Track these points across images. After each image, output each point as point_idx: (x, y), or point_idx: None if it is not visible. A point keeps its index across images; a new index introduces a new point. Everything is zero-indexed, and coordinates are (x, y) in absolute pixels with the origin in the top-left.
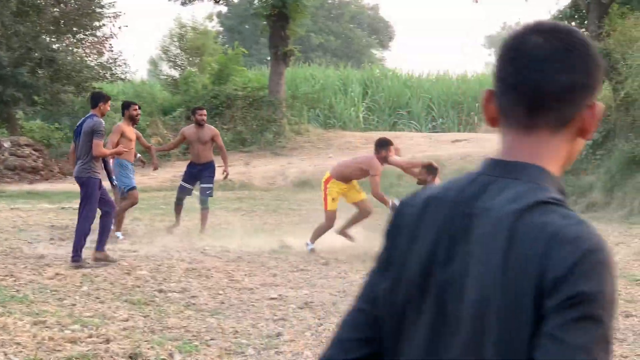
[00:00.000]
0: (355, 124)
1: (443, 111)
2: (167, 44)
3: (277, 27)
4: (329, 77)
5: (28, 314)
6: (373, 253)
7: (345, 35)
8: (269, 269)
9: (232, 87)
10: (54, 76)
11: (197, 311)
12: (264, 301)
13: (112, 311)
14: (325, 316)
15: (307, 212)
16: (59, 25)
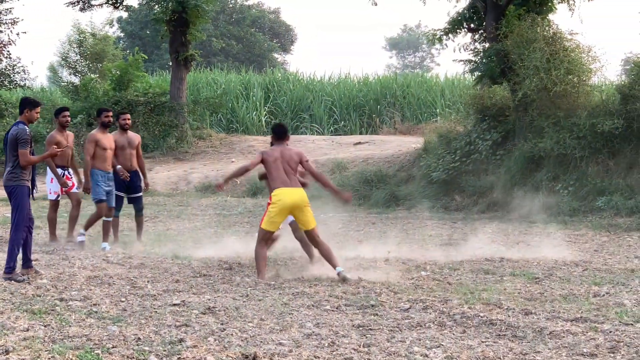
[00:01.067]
0: (257, 128)
1: (345, 114)
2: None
3: (178, 32)
4: (230, 82)
5: None
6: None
7: (246, 40)
8: (172, 275)
9: (134, 93)
10: None
11: (99, 319)
12: (167, 307)
13: (11, 321)
14: (228, 321)
15: (210, 217)
16: None
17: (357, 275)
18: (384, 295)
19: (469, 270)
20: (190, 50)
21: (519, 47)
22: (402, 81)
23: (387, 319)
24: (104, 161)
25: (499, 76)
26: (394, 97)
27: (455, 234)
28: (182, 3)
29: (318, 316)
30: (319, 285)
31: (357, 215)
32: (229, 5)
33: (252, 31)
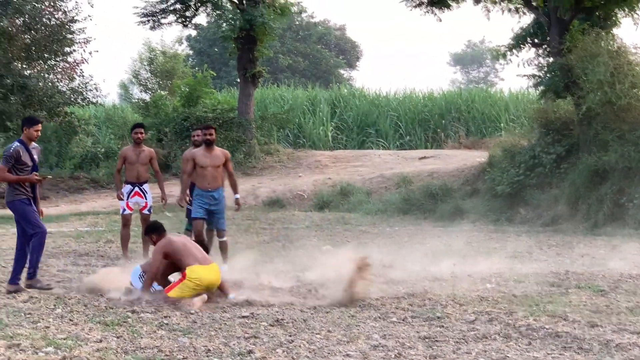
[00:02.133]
0: (324, 143)
1: (410, 129)
2: (137, 68)
3: (245, 49)
4: (297, 98)
5: (2, 337)
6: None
7: (313, 56)
8: (240, 288)
9: (202, 109)
10: (26, 102)
11: (169, 331)
12: (236, 319)
13: (85, 333)
14: (296, 333)
15: (277, 231)
16: (30, 52)
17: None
18: (449, 307)
19: (534, 282)
20: (257, 67)
21: (582, 61)
22: (466, 96)
23: (452, 330)
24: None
25: (563, 90)
26: (458, 111)
27: (520, 246)
28: (249, 21)
29: (385, 328)
30: (385, 298)
31: (423, 229)
32: (295, 22)
33: (319, 48)
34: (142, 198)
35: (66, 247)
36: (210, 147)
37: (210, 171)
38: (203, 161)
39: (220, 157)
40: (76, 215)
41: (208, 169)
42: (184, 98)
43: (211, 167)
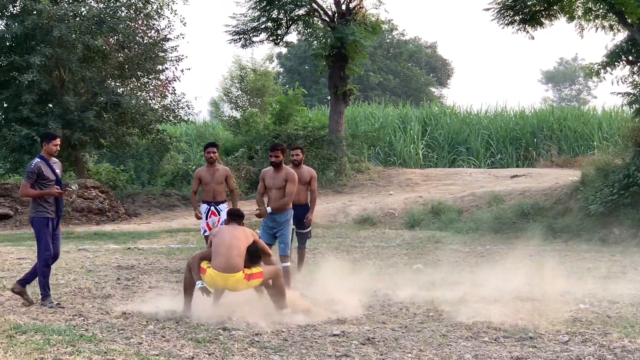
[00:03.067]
0: (415, 161)
1: (501, 147)
2: (228, 86)
3: (336, 67)
4: (388, 116)
5: (96, 352)
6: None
7: (403, 74)
8: (331, 306)
9: (293, 126)
10: (119, 119)
11: (260, 348)
12: (327, 337)
13: (177, 349)
14: (387, 352)
15: (368, 249)
16: (123, 70)
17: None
18: (542, 327)
19: (628, 303)
20: (348, 84)
21: None
22: (558, 114)
23: (545, 351)
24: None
25: None
26: (550, 130)
27: (614, 267)
28: (340, 39)
29: (476, 348)
30: (476, 317)
31: (515, 248)
32: (386, 40)
33: (409, 65)
34: (216, 216)
35: (158, 263)
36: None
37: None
38: (269, 182)
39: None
40: (167, 232)
41: (272, 190)
42: (275, 116)
43: (275, 189)
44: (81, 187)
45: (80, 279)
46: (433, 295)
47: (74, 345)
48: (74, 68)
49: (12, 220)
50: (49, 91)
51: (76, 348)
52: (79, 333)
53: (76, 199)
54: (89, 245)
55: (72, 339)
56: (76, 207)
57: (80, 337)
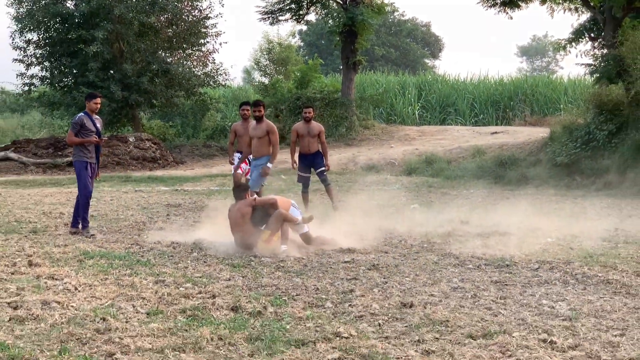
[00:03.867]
0: (412, 120)
1: (483, 108)
2: (258, 57)
3: (348, 41)
4: (390, 82)
5: (150, 274)
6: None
7: (403, 48)
8: (344, 238)
9: (312, 90)
10: (168, 84)
11: (285, 272)
12: (339, 264)
13: (217, 272)
14: (389, 276)
15: (372, 192)
16: (172, 43)
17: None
18: (516, 257)
19: (588, 238)
20: (358, 56)
21: (632, 52)
22: (531, 82)
23: (519, 276)
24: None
25: (615, 77)
26: (524, 95)
27: (576, 208)
28: (351, 18)
29: (462, 273)
30: (463, 248)
31: (494, 192)
32: (388, 20)
33: (407, 41)
34: (247, 165)
35: (200, 202)
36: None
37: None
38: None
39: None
40: (208, 177)
41: (306, 138)
42: (297, 81)
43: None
44: (137, 140)
45: (137, 214)
46: (427, 230)
47: (132, 268)
48: (131, 41)
49: None
50: (111, 60)
51: (134, 271)
52: (136, 259)
53: (133, 149)
54: (143, 187)
55: (131, 263)
56: (133, 156)
57: (137, 262)
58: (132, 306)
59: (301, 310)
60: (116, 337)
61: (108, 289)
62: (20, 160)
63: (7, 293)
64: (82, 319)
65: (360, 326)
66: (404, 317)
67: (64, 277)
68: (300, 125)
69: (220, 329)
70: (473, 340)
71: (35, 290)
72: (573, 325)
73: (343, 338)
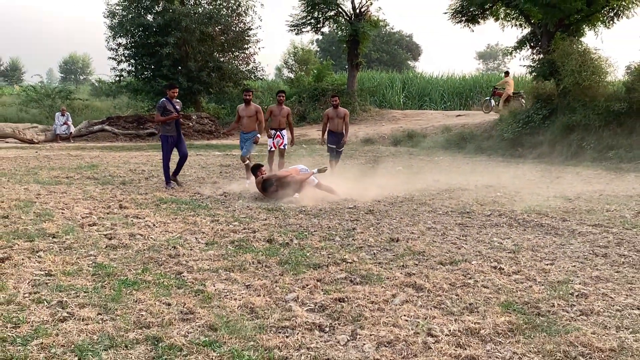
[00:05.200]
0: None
1: (451, 97)
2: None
3: (352, 47)
4: (382, 78)
5: (208, 215)
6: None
7: (392, 52)
8: (347, 190)
9: (325, 84)
10: (221, 77)
11: (306, 215)
12: (345, 209)
13: (256, 214)
14: (381, 218)
15: (369, 157)
16: (224, 47)
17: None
18: (474, 206)
19: (526, 193)
20: (359, 58)
21: (562, 57)
22: (486, 78)
23: (476, 220)
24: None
25: (548, 75)
26: (480, 87)
27: (518, 171)
28: (355, 30)
29: (435, 217)
30: (434, 199)
31: (457, 159)
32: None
33: (395, 47)
34: (280, 138)
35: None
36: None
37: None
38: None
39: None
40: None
41: (334, 119)
42: (315, 77)
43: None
44: (198, 117)
45: (198, 172)
46: (408, 186)
47: (195, 210)
48: (194, 45)
49: (156, 136)
50: (179, 59)
51: (196, 212)
52: (197, 204)
53: (195, 125)
54: (202, 152)
55: (194, 207)
56: (195, 129)
57: (198, 206)
58: (195, 238)
59: (317, 242)
60: (183, 260)
61: (177, 226)
62: (113, 131)
63: (104, 227)
64: (159, 247)
65: (360, 254)
66: (392, 249)
67: (145, 217)
68: (330, 110)
69: (259, 256)
70: (442, 266)
71: (125, 226)
72: (516, 257)
73: (348, 263)
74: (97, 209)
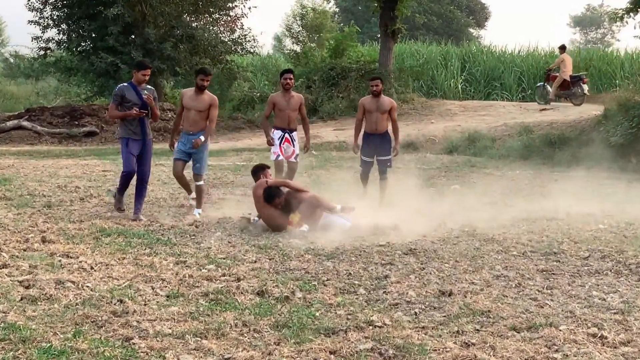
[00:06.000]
0: (454, 94)
1: (532, 83)
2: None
3: (387, 8)
4: (431, 53)
5: (171, 254)
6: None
7: (445, 16)
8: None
9: (347, 60)
10: (192, 50)
11: (315, 255)
12: (374, 247)
13: (242, 254)
14: (427, 261)
15: (411, 170)
16: (198, 6)
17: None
18: (565, 244)
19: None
20: (397, 24)
21: None
22: (584, 55)
23: (568, 265)
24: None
25: None
26: (577, 69)
27: (631, 192)
28: None
29: (506, 260)
30: (507, 233)
31: (541, 173)
32: None
33: (451, 8)
34: (290, 145)
35: (225, 178)
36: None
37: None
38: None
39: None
40: (234, 151)
41: (373, 114)
42: (331, 50)
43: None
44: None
45: (158, 190)
46: (468, 213)
47: (152, 247)
48: (154, 3)
49: (98, 137)
50: (132, 23)
51: (153, 250)
52: (156, 237)
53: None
54: (164, 160)
55: (150, 242)
56: (153, 127)
57: (157, 240)
58: (151, 288)
59: (332, 296)
60: (134, 321)
61: (126, 269)
62: (34, 129)
63: (19, 271)
64: (98, 301)
65: (395, 315)
66: (442, 306)
67: (79, 255)
68: (368, 100)
69: (244, 315)
70: (517, 332)
71: (49, 269)
72: (626, 319)
73: (376, 327)
74: (9, 244)
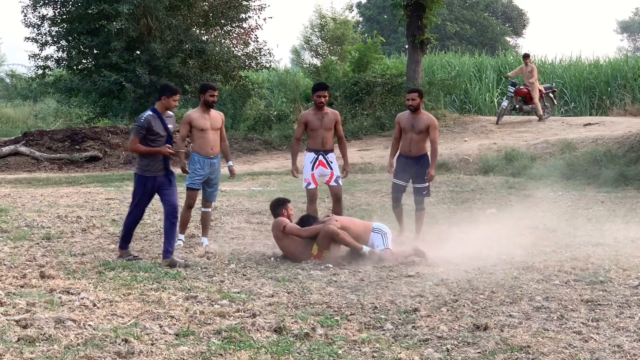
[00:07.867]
0: (489, 108)
1: (575, 95)
2: (308, 34)
3: (414, 16)
4: (464, 64)
5: (181, 289)
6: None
7: (479, 24)
8: (405, 246)
9: (372, 74)
10: (203, 66)
11: (338, 288)
12: (402, 278)
13: (257, 287)
14: (460, 292)
15: (443, 194)
16: (208, 18)
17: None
18: (612, 272)
19: None
20: (426, 33)
21: None
22: (633, 64)
23: (615, 295)
24: (203, 144)
25: None
26: (624, 79)
27: None
28: None
29: (547, 290)
30: (548, 261)
31: (586, 194)
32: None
33: (485, 15)
34: (326, 168)
35: (239, 205)
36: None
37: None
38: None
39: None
40: (249, 175)
41: (408, 133)
42: (354, 63)
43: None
44: None
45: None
46: (506, 239)
47: (159, 282)
48: (160, 16)
49: (102, 162)
50: (137, 38)
51: (161, 285)
52: (164, 270)
53: None
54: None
55: (158, 276)
56: None
57: (165, 274)
58: (158, 326)
59: (356, 332)
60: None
61: (131, 306)
62: (33, 155)
63: (16, 309)
64: (101, 340)
65: (425, 351)
66: (476, 342)
67: (81, 292)
68: (405, 116)
69: (260, 354)
70: None
71: (48, 307)
72: None
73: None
74: (5, 280)
